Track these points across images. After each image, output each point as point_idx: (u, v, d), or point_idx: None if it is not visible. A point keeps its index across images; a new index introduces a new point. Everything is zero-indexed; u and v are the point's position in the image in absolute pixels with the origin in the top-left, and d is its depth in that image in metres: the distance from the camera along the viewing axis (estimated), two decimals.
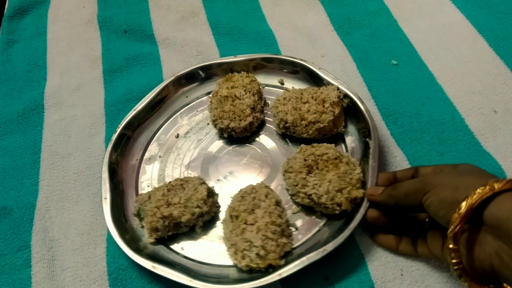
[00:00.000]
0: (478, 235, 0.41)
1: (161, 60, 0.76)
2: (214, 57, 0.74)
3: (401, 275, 0.50)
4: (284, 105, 0.60)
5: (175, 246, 0.55)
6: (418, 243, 0.50)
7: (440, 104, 0.65)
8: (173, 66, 0.74)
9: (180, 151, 0.64)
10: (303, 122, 0.59)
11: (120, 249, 0.54)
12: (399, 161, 0.60)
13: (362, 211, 0.51)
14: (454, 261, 0.40)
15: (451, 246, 0.40)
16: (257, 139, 0.64)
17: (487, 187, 0.39)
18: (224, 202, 0.58)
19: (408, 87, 0.67)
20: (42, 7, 0.88)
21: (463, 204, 0.39)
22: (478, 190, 0.39)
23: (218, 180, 0.61)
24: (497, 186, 0.39)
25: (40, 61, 0.79)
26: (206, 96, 0.69)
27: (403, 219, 0.51)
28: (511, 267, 0.38)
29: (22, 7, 0.87)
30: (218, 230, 0.56)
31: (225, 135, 0.63)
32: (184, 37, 0.79)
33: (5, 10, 0.87)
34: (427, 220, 0.49)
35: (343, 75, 0.69)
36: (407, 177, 0.51)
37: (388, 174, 0.53)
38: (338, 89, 0.61)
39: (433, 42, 0.72)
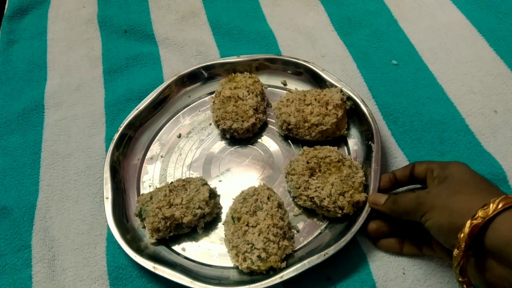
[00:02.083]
0: (485, 261, 0.40)
1: (161, 60, 0.76)
2: (214, 57, 0.74)
3: (403, 273, 0.51)
4: (287, 106, 0.60)
5: (176, 247, 0.56)
6: (423, 243, 0.50)
7: (441, 104, 0.65)
8: (173, 66, 0.74)
9: (182, 151, 0.64)
10: (306, 124, 0.59)
11: (120, 248, 0.54)
12: (400, 162, 0.60)
13: (364, 214, 0.51)
14: None
15: (460, 279, 0.40)
16: (259, 140, 0.64)
17: (480, 214, 0.38)
18: (226, 203, 0.58)
19: (408, 87, 0.67)
20: (42, 7, 0.88)
21: (461, 236, 0.38)
22: (473, 221, 0.38)
23: (220, 181, 0.61)
24: (491, 209, 0.38)
25: (40, 61, 0.78)
26: (209, 96, 0.69)
27: (406, 223, 0.50)
28: None
29: (22, 7, 0.87)
30: (220, 231, 0.56)
31: (228, 136, 0.63)
32: (184, 37, 0.79)
33: (5, 10, 0.87)
34: None
35: (343, 75, 0.69)
36: (406, 176, 0.52)
37: (388, 175, 0.53)
38: (341, 91, 0.61)
39: (433, 42, 0.72)
